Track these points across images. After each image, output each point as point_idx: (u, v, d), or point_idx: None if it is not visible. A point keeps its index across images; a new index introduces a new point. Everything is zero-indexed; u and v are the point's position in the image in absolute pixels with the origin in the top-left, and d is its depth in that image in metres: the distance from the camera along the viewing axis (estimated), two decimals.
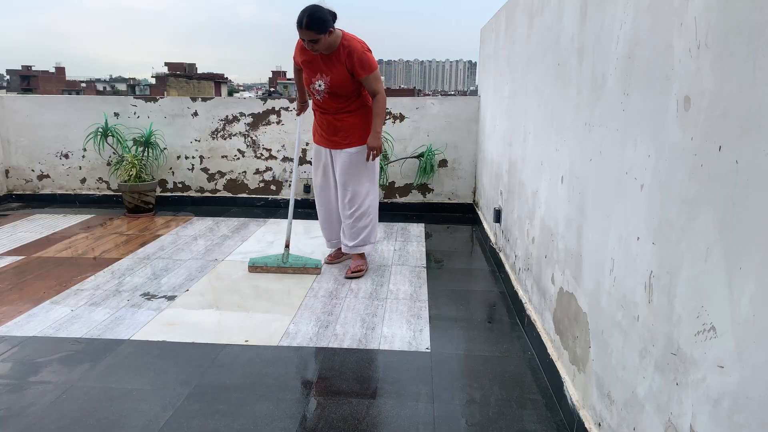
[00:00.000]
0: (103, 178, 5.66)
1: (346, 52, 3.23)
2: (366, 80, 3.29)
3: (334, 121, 3.43)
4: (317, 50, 3.19)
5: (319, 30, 3.09)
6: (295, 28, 3.14)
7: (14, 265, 3.70)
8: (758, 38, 0.98)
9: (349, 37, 3.28)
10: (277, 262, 3.55)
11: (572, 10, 2.13)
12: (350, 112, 3.41)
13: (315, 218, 5.05)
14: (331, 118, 3.44)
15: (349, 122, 3.42)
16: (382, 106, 3.38)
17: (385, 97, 3.42)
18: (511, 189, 3.37)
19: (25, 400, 2.11)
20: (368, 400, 2.14)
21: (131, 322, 2.80)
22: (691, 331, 1.19)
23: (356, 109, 3.42)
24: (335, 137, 3.46)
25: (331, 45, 3.21)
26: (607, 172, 1.73)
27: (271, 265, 3.56)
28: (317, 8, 3.12)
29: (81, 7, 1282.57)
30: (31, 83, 74.64)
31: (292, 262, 3.55)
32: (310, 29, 3.08)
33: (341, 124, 3.42)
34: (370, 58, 3.30)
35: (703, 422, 1.14)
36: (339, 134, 3.44)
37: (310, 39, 3.12)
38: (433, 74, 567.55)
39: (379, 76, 3.37)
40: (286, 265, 3.54)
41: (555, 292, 2.29)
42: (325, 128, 3.49)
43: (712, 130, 1.13)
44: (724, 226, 1.08)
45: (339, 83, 3.29)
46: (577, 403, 1.92)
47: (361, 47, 3.25)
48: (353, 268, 3.54)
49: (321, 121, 3.50)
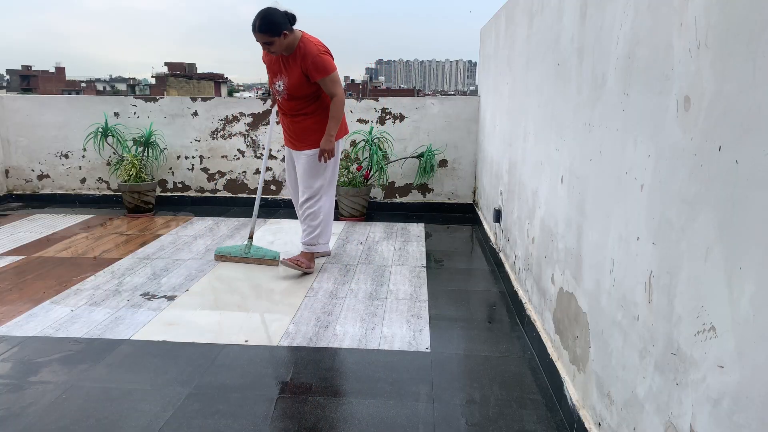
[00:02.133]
0: (103, 178, 5.65)
1: (302, 54, 3.24)
2: (323, 82, 3.29)
3: (294, 123, 3.45)
4: (274, 52, 3.23)
5: (272, 33, 3.12)
6: None
7: (14, 265, 3.70)
8: (758, 38, 0.98)
9: (306, 39, 3.28)
10: (240, 252, 3.75)
11: (572, 10, 2.13)
12: (307, 114, 3.40)
13: None
14: (291, 119, 3.45)
15: (306, 124, 3.42)
16: (338, 109, 3.36)
17: (343, 100, 3.40)
18: (511, 189, 3.37)
19: (25, 400, 2.11)
20: (368, 400, 2.13)
21: (131, 322, 2.80)
22: (691, 331, 1.19)
23: (313, 112, 3.41)
24: (295, 139, 3.48)
25: (289, 47, 3.24)
26: (607, 172, 1.73)
27: (235, 255, 3.76)
28: (270, 11, 3.15)
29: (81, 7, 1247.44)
30: (31, 83, 74.64)
31: (253, 252, 3.73)
32: (263, 32, 3.12)
33: (299, 126, 3.43)
34: (326, 60, 3.28)
35: (703, 422, 1.14)
36: (298, 136, 3.46)
37: (263, 42, 3.16)
38: (433, 74, 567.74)
39: (337, 78, 3.34)
40: (248, 255, 3.72)
41: (555, 292, 2.29)
42: (286, 129, 3.53)
43: (712, 130, 1.13)
44: (724, 226, 1.08)
45: (295, 85, 3.30)
46: (577, 403, 1.92)
47: (316, 50, 3.24)
48: (292, 258, 3.52)
49: (283, 122, 3.54)
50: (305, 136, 3.44)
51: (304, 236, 3.58)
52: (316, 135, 3.43)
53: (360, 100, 5.41)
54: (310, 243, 3.57)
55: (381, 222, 4.97)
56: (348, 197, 4.98)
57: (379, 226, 4.83)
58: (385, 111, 5.31)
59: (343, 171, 5.05)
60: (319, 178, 3.49)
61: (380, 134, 5.16)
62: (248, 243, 3.76)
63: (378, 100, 5.36)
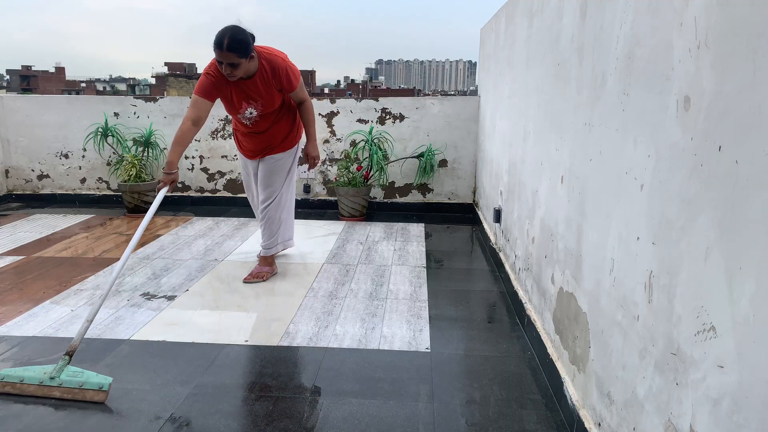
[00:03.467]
0: (103, 178, 5.66)
1: (270, 71, 3.06)
2: (295, 93, 3.22)
3: (268, 138, 3.35)
4: (234, 76, 2.93)
5: (242, 53, 2.86)
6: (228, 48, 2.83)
7: (14, 265, 3.70)
8: (758, 38, 0.98)
9: (266, 53, 3.07)
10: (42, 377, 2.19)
11: (572, 10, 2.13)
12: (278, 122, 3.34)
13: (315, 218, 5.07)
14: (265, 136, 3.34)
15: (278, 132, 3.35)
16: (312, 113, 3.35)
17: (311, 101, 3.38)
18: (511, 189, 3.37)
19: (25, 400, 2.11)
20: (368, 400, 2.13)
21: (131, 322, 2.80)
22: (691, 331, 1.19)
23: (284, 117, 3.36)
24: (266, 150, 3.40)
25: (249, 70, 3.00)
26: (607, 172, 1.73)
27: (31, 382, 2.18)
28: (239, 30, 2.88)
29: (81, 7, 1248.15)
30: (31, 83, 74.64)
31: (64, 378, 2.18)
32: (232, 51, 2.83)
33: (271, 137, 3.35)
34: (295, 69, 3.19)
35: (703, 422, 1.14)
36: (270, 145, 3.38)
37: (230, 62, 2.86)
38: (433, 74, 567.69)
39: (302, 83, 3.30)
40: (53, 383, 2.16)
41: (555, 292, 2.29)
42: (256, 145, 3.40)
43: (712, 130, 1.13)
44: (724, 226, 1.08)
45: (270, 103, 3.17)
46: (577, 403, 1.92)
47: (283, 61, 3.11)
48: (254, 272, 3.46)
49: (250, 140, 3.39)
50: (278, 142, 3.38)
51: (264, 240, 3.54)
52: (288, 138, 3.40)
53: (360, 100, 5.41)
54: (269, 246, 3.54)
55: (381, 222, 4.97)
56: (348, 197, 4.98)
57: (379, 226, 4.83)
58: (385, 111, 5.31)
59: (343, 171, 5.05)
60: (278, 179, 3.45)
61: (380, 134, 5.16)
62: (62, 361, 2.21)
63: (378, 100, 5.36)
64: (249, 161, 3.53)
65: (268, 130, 3.31)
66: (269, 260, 3.56)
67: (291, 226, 3.70)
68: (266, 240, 3.53)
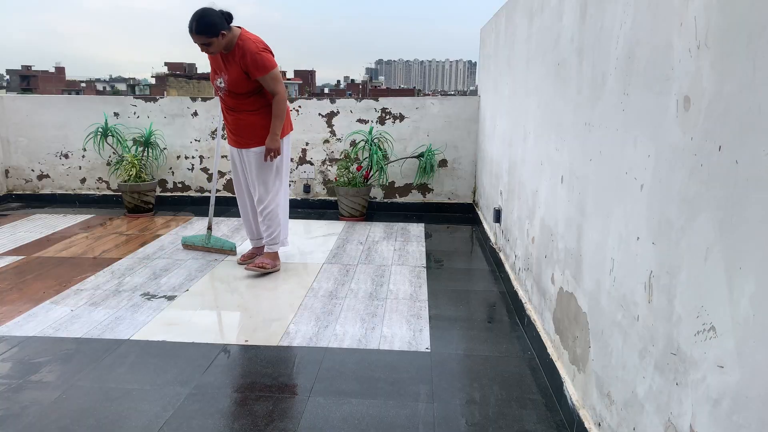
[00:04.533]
0: (103, 178, 5.65)
1: (241, 53, 3.22)
2: (263, 80, 3.27)
3: (238, 120, 3.42)
4: (212, 52, 3.22)
5: (210, 34, 3.10)
6: None
7: (14, 265, 3.70)
8: (758, 38, 0.98)
9: (245, 37, 3.25)
10: (203, 242, 4.05)
11: (572, 10, 2.13)
12: (252, 111, 3.37)
13: (314, 218, 5.07)
14: (236, 116, 3.42)
15: (250, 121, 3.39)
16: (281, 107, 3.35)
17: (286, 98, 3.39)
18: (511, 189, 3.37)
19: (25, 400, 2.11)
20: (368, 400, 2.14)
21: (131, 322, 2.80)
22: (691, 331, 1.19)
23: (259, 109, 3.38)
24: (239, 137, 3.45)
25: (227, 45, 3.23)
26: (607, 172, 1.73)
27: (198, 244, 4.07)
28: (206, 12, 3.12)
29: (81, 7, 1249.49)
30: (31, 83, 74.65)
31: (213, 243, 4.02)
32: (200, 33, 3.10)
33: (243, 122, 3.40)
34: (266, 58, 3.25)
35: (703, 422, 1.14)
36: (243, 133, 3.43)
37: (201, 43, 3.14)
38: (433, 74, 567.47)
39: (277, 75, 3.32)
40: (208, 245, 4.02)
41: (555, 292, 2.29)
42: (230, 126, 3.49)
43: (712, 130, 1.13)
44: (724, 226, 1.08)
45: (235, 82, 3.29)
46: (577, 403, 1.92)
47: (255, 47, 3.22)
48: (257, 263, 3.54)
49: (227, 118, 3.50)
50: (251, 133, 3.41)
51: (266, 237, 3.59)
52: (263, 132, 3.40)
53: (360, 100, 5.41)
54: (272, 243, 3.58)
55: (381, 222, 4.97)
56: (348, 197, 4.98)
57: (379, 226, 4.83)
58: (385, 111, 5.31)
59: (343, 171, 5.05)
60: (270, 176, 3.48)
61: (380, 134, 5.16)
62: (208, 233, 4.03)
63: (378, 100, 5.36)
64: (234, 150, 3.56)
65: (240, 111, 3.39)
66: (272, 255, 3.60)
67: (287, 225, 3.75)
68: (268, 236, 3.58)
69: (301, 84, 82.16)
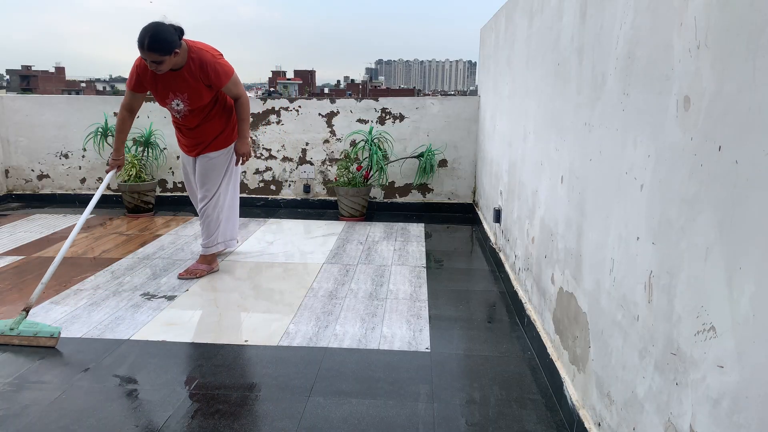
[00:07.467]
0: (103, 178, 5.65)
1: (198, 65, 3.09)
2: (226, 88, 3.21)
3: (199, 133, 3.36)
4: (161, 71, 3.00)
5: (164, 51, 2.91)
6: None
7: (14, 265, 3.70)
8: (758, 38, 0.98)
9: (197, 48, 3.11)
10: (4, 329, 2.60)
11: (572, 10, 2.13)
12: (212, 119, 3.33)
13: (315, 218, 5.07)
14: (197, 131, 3.35)
15: (212, 129, 3.35)
16: (246, 109, 3.33)
17: (248, 99, 3.36)
18: (511, 189, 3.37)
19: (25, 400, 2.11)
20: (368, 400, 2.13)
21: (131, 322, 2.80)
22: (691, 331, 1.19)
23: (217, 114, 3.35)
24: (200, 146, 3.41)
25: (176, 63, 3.05)
26: (606, 172, 1.73)
27: None
28: (160, 28, 2.92)
29: (81, 7, 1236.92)
30: (31, 83, 74.66)
31: (22, 329, 2.58)
32: (153, 51, 2.89)
33: (205, 133, 3.36)
34: (225, 64, 3.18)
35: (703, 422, 1.14)
36: (204, 142, 3.39)
37: (153, 60, 2.92)
38: (433, 74, 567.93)
39: (237, 79, 3.27)
40: (13, 333, 2.57)
41: (555, 292, 2.29)
42: (190, 141, 3.42)
43: (712, 130, 1.13)
44: (724, 226, 1.08)
45: (197, 98, 3.18)
46: (577, 403, 1.92)
47: (211, 57, 3.12)
48: (190, 269, 3.49)
49: (185, 135, 3.41)
50: (212, 139, 3.38)
51: (203, 239, 3.56)
52: (223, 135, 3.39)
53: (360, 100, 5.41)
54: (208, 245, 3.55)
55: (381, 222, 4.97)
56: (348, 197, 4.98)
57: (379, 226, 4.83)
58: (385, 111, 5.31)
59: (343, 171, 5.05)
60: (217, 179, 3.45)
61: (380, 134, 5.15)
62: (20, 315, 2.63)
63: (378, 100, 5.35)
64: (187, 158, 3.54)
65: (199, 126, 3.33)
66: (208, 258, 3.57)
67: (234, 225, 3.71)
68: (205, 239, 3.55)
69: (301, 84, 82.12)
